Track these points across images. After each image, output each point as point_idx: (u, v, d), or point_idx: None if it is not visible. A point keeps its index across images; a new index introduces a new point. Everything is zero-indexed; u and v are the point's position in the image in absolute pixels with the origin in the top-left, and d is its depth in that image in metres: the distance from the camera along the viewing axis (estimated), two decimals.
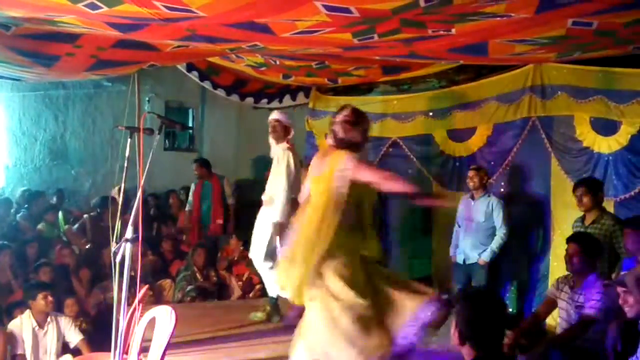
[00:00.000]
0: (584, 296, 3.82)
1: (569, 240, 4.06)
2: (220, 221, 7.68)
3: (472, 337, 2.33)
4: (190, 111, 9.62)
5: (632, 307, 3.14)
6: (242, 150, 9.24)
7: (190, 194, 7.77)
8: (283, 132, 5.21)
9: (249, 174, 9.43)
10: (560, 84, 5.53)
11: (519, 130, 5.93)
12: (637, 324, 3.59)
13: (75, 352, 4.88)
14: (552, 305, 4.15)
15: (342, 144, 3.44)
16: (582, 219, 4.86)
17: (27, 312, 4.78)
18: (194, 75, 7.38)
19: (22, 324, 4.73)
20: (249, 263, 6.87)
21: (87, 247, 6.79)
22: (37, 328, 4.74)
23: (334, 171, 3.39)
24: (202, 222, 7.70)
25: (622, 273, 4.29)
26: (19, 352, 4.66)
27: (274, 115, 5.32)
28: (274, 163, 5.21)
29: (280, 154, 5.16)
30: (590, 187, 4.77)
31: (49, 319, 4.80)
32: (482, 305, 2.40)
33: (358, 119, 3.49)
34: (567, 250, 3.99)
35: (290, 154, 5.13)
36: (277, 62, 6.08)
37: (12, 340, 4.70)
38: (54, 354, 4.78)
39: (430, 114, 7.01)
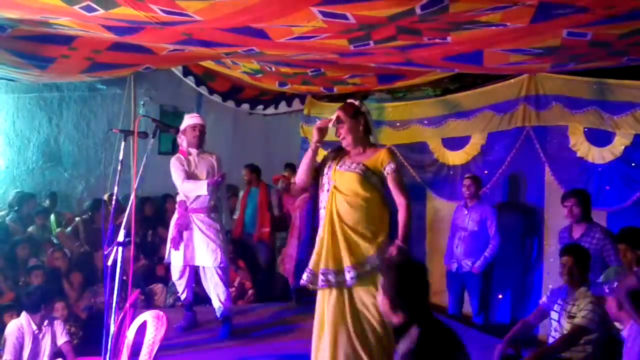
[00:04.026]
0: (576, 307, 3.82)
1: (565, 252, 4.04)
2: (266, 229, 7.58)
3: (402, 304, 2.53)
4: (185, 115, 9.58)
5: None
6: (236, 155, 9.22)
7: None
8: (204, 136, 5.20)
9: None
10: (554, 94, 5.55)
11: (513, 139, 5.95)
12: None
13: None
14: (542, 315, 4.15)
15: None
16: (569, 230, 4.86)
17: (25, 316, 4.73)
18: (190, 81, 7.38)
19: (24, 328, 4.68)
20: (239, 269, 6.88)
21: (79, 250, 6.75)
22: (36, 331, 4.70)
23: None
24: (245, 229, 7.65)
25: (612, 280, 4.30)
26: (8, 357, 4.59)
27: (200, 120, 5.20)
28: (193, 168, 5.12)
29: (211, 161, 5.15)
30: (580, 198, 4.78)
31: (45, 322, 4.77)
32: (409, 274, 2.59)
33: None
34: (563, 262, 3.98)
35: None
36: (273, 69, 6.08)
37: (3, 344, 4.65)
38: (47, 356, 4.73)
39: (425, 122, 7.02)
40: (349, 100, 3.77)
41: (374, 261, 3.46)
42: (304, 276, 3.62)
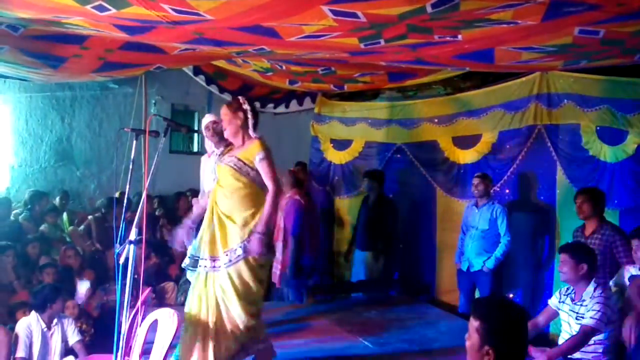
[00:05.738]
0: (584, 307, 3.79)
1: (560, 251, 3.99)
2: None
3: (499, 350, 2.22)
4: (196, 114, 9.62)
5: None
6: None
7: None
8: (222, 133, 5.16)
9: None
10: (566, 92, 5.52)
11: (524, 138, 5.92)
12: None
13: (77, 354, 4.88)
14: (551, 315, 4.12)
15: None
16: (582, 229, 4.84)
17: (34, 314, 4.76)
18: (200, 79, 7.40)
19: (32, 326, 4.71)
20: None
21: (91, 248, 6.79)
22: (45, 329, 4.73)
23: None
24: None
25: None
26: (21, 355, 4.62)
27: (211, 117, 5.10)
28: (208, 171, 4.98)
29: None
30: (590, 196, 4.75)
31: (55, 321, 4.80)
32: (513, 319, 2.29)
33: None
34: (561, 260, 3.92)
35: None
36: (284, 68, 6.08)
37: (15, 342, 4.68)
38: (58, 354, 4.76)
39: (436, 120, 7.00)
40: (236, 97, 4.14)
41: (245, 246, 3.75)
42: (185, 260, 4.00)
